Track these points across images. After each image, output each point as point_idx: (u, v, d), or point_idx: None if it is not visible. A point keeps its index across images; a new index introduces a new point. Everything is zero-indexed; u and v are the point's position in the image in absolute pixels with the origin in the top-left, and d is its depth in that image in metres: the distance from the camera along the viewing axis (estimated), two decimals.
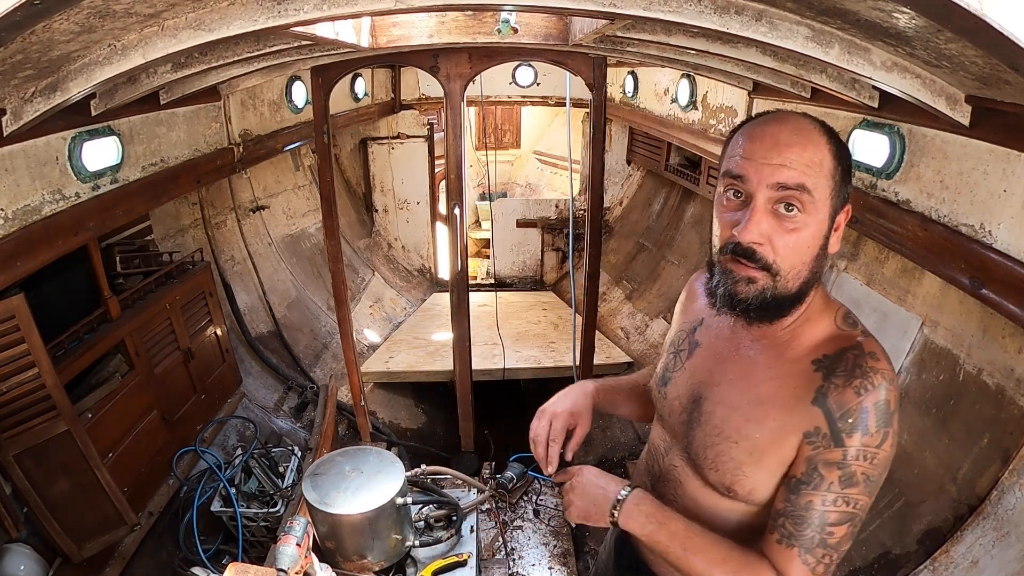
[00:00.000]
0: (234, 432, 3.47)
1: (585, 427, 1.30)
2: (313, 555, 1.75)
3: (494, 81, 5.52)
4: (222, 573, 1.51)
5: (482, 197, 8.74)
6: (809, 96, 2.52)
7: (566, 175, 7.70)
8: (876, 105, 2.07)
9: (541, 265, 6.40)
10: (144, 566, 2.58)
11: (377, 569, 2.06)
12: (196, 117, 3.14)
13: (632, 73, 4.91)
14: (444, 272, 6.39)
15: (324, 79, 3.11)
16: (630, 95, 5.00)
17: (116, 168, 2.52)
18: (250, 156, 3.66)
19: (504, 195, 8.84)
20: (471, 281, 5.43)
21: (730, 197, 0.97)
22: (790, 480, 0.96)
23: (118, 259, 2.94)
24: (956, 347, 2.07)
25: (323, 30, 2.18)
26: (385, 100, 5.68)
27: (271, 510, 2.76)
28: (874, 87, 1.99)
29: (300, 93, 4.18)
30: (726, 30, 1.56)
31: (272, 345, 4.28)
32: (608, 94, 4.39)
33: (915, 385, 2.19)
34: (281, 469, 2.99)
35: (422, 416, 4.87)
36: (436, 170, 6.12)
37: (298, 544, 1.64)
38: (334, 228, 3.41)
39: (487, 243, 7.35)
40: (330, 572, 1.81)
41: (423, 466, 2.49)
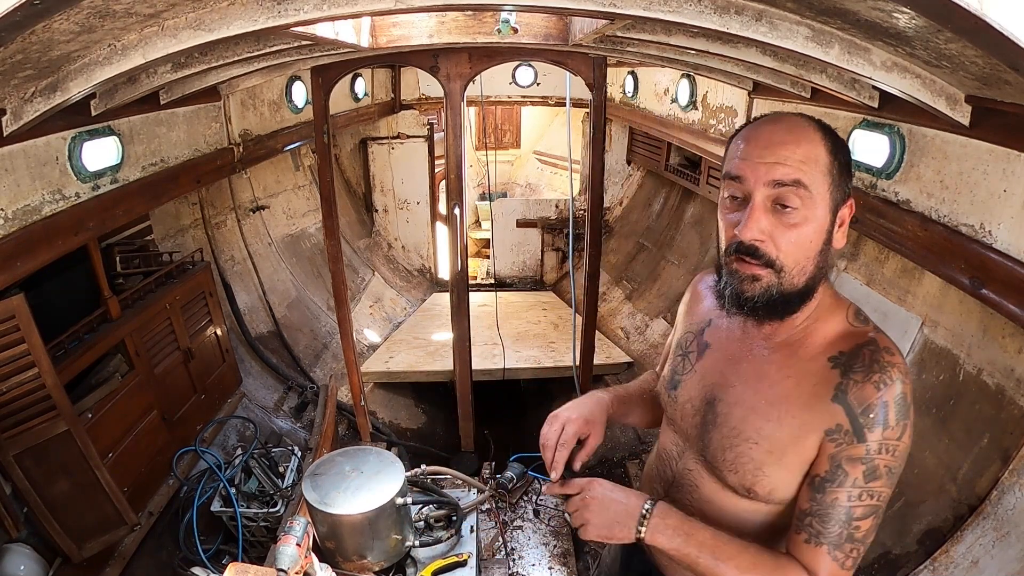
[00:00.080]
0: (234, 432, 3.47)
1: (598, 438, 1.25)
2: (313, 555, 1.75)
3: (494, 81, 5.52)
4: (222, 573, 1.51)
5: (482, 197, 8.74)
6: (809, 96, 2.52)
7: (566, 175, 7.70)
8: (876, 105, 2.07)
9: (541, 265, 6.40)
10: (144, 566, 2.58)
11: (377, 569, 2.06)
12: (196, 117, 3.14)
13: (632, 73, 4.91)
14: (444, 272, 6.39)
15: (324, 79, 3.11)
16: (630, 95, 5.00)
17: (116, 168, 2.52)
18: (250, 156, 3.66)
19: (504, 195, 8.84)
20: (471, 281, 5.43)
21: (731, 199, 0.99)
22: (814, 479, 0.96)
23: (118, 259, 2.94)
24: (956, 347, 2.07)
25: (323, 30, 2.18)
26: (385, 100, 5.68)
27: (271, 510, 2.76)
28: (874, 87, 1.99)
29: (300, 93, 4.18)
30: (726, 30, 1.56)
31: (272, 345, 4.28)
32: (608, 94, 4.39)
33: (915, 385, 2.17)
34: (281, 469, 2.99)
35: (422, 416, 4.87)
36: (436, 170, 6.12)
37: (298, 544, 1.64)
38: (334, 228, 3.41)
39: (487, 243, 7.35)
40: (330, 572, 1.81)
41: (423, 466, 2.49)
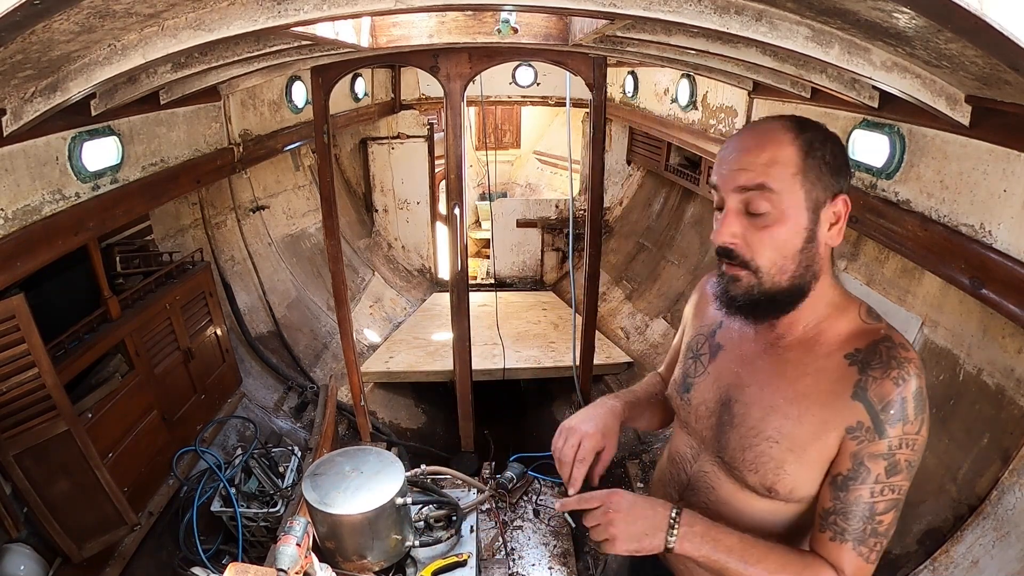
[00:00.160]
0: (234, 432, 3.47)
1: (612, 449, 1.24)
2: (313, 555, 1.75)
3: (494, 81, 5.52)
4: (222, 573, 1.51)
5: (482, 197, 8.74)
6: (809, 96, 2.52)
7: (566, 175, 7.70)
8: (876, 105, 2.07)
9: (541, 265, 6.40)
10: (144, 566, 2.58)
11: (377, 569, 2.06)
12: (196, 117, 3.14)
13: (632, 73, 4.91)
14: (444, 272, 6.39)
15: (324, 79, 3.11)
16: (630, 95, 5.00)
17: (116, 168, 2.52)
18: (250, 156, 3.66)
19: (504, 195, 8.84)
20: (471, 281, 5.43)
21: (716, 208, 1.04)
22: (836, 478, 0.97)
23: (118, 259, 2.94)
24: (956, 347, 2.07)
25: (323, 30, 2.18)
26: (385, 100, 5.68)
27: (271, 510, 2.76)
28: (874, 87, 1.99)
29: (300, 93, 4.18)
30: (726, 30, 1.56)
31: (272, 345, 4.28)
32: (608, 94, 4.39)
33: None
34: (281, 469, 2.99)
35: (422, 416, 4.87)
36: (436, 170, 6.12)
37: (298, 544, 1.65)
38: (334, 228, 3.41)
39: (487, 243, 7.35)
40: (330, 572, 1.81)
41: (423, 466, 2.49)
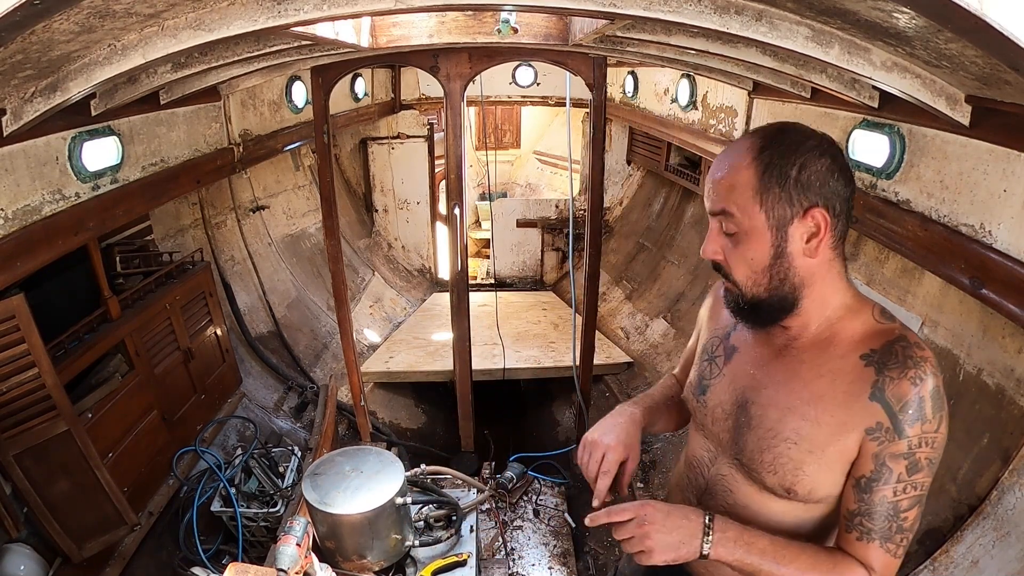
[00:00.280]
0: (234, 432, 3.47)
1: (636, 459, 1.25)
2: (313, 555, 1.75)
3: (494, 81, 5.52)
4: (222, 573, 1.51)
5: (482, 197, 8.74)
6: (809, 96, 2.52)
7: (566, 175, 7.70)
8: (876, 105, 2.07)
9: (541, 265, 6.40)
10: (144, 566, 2.58)
11: (377, 569, 2.07)
12: (196, 117, 3.14)
13: (632, 73, 4.91)
14: (444, 272, 6.39)
15: (324, 79, 3.11)
16: (630, 95, 5.00)
17: (116, 168, 2.52)
18: (250, 156, 3.66)
19: (504, 195, 8.84)
20: (471, 281, 5.43)
21: None
22: (860, 480, 0.98)
23: (118, 259, 2.94)
24: (956, 347, 2.07)
25: (323, 30, 2.18)
26: (385, 100, 5.68)
27: (271, 510, 2.76)
28: (874, 87, 1.99)
29: (300, 93, 4.18)
30: (726, 30, 1.56)
31: (272, 345, 4.28)
32: (608, 94, 4.39)
33: None
34: (281, 469, 2.99)
35: (422, 416, 4.87)
36: (436, 170, 6.12)
37: (298, 544, 1.65)
38: (334, 228, 3.41)
39: (487, 243, 7.35)
40: (330, 572, 1.82)
41: (423, 466, 2.49)
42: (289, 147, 4.23)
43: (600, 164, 3.36)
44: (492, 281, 6.43)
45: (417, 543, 2.16)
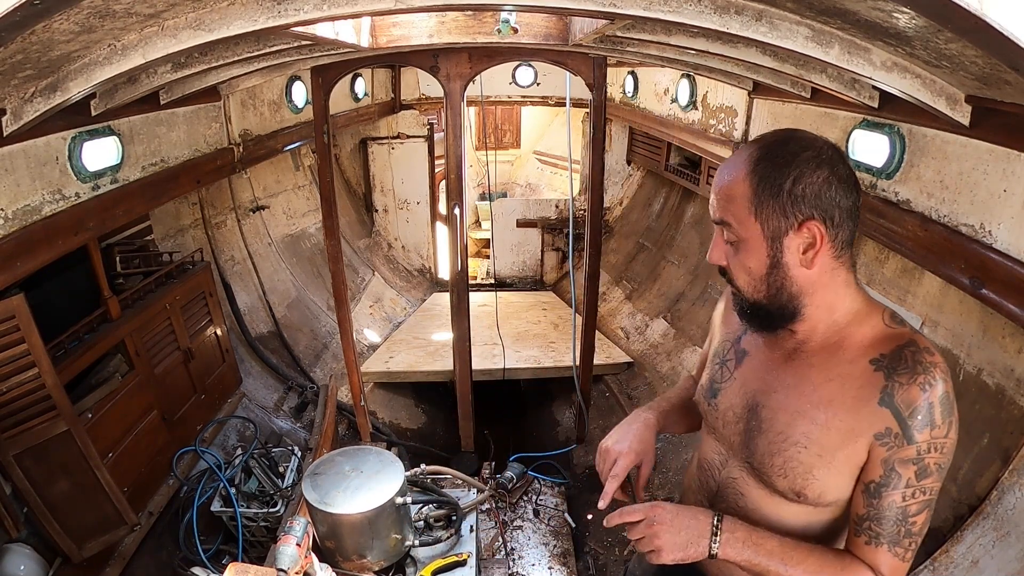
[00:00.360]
0: (234, 432, 3.47)
1: (650, 464, 1.29)
2: (313, 555, 1.75)
3: (494, 81, 5.51)
4: (222, 573, 1.51)
5: (482, 197, 8.74)
6: (809, 96, 2.52)
7: (566, 175, 7.70)
8: (876, 105, 2.07)
9: (541, 265, 6.40)
10: (144, 566, 2.58)
11: (377, 569, 2.07)
12: (196, 117, 3.14)
13: (632, 73, 4.91)
14: (444, 272, 6.39)
15: (324, 79, 3.11)
16: (630, 95, 5.00)
17: (116, 168, 2.52)
18: (250, 156, 3.66)
19: (504, 195, 8.84)
20: (471, 281, 5.43)
21: None
22: (869, 485, 0.99)
23: (118, 259, 2.94)
24: (956, 347, 2.07)
25: (323, 30, 2.18)
26: (385, 100, 5.68)
27: (271, 510, 2.76)
28: (874, 87, 1.99)
29: (300, 93, 4.18)
30: (726, 30, 1.56)
31: (272, 345, 4.28)
32: (608, 94, 4.39)
33: None
34: (281, 469, 2.99)
35: (422, 416, 4.87)
36: (436, 170, 6.12)
37: (298, 544, 1.65)
38: (334, 228, 3.41)
39: (487, 243, 7.35)
40: (330, 572, 1.82)
41: (423, 466, 2.49)
42: (289, 147, 4.23)
43: (600, 164, 3.36)
44: (492, 281, 6.43)
45: (417, 543, 2.16)
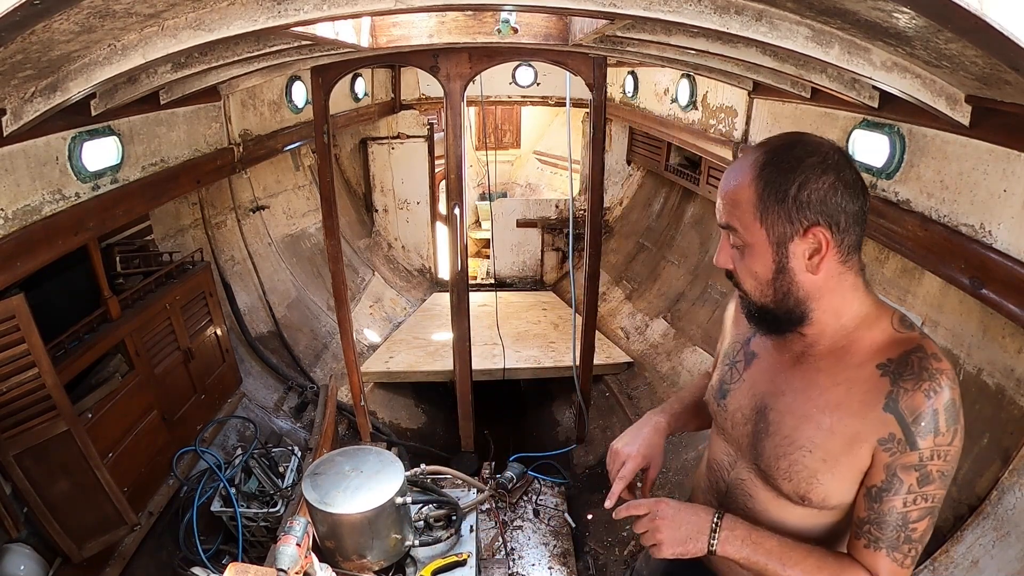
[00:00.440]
0: (234, 432, 3.47)
1: (657, 467, 1.34)
2: (313, 555, 1.75)
3: (494, 81, 5.52)
4: (222, 573, 1.51)
5: (482, 197, 8.74)
6: (809, 96, 2.52)
7: (566, 175, 7.70)
8: (876, 105, 2.07)
9: (541, 265, 6.40)
10: (144, 566, 2.58)
11: (377, 569, 2.07)
12: (196, 117, 3.14)
13: (632, 73, 4.91)
14: (444, 272, 6.39)
15: (324, 79, 3.11)
16: (630, 95, 5.00)
17: (116, 168, 2.52)
18: (250, 156, 3.66)
19: (504, 195, 8.84)
20: (471, 281, 5.43)
21: None
22: (871, 489, 0.99)
23: (118, 259, 2.94)
24: (956, 347, 2.07)
25: (323, 30, 2.18)
26: (385, 100, 5.68)
27: (271, 510, 2.76)
28: (874, 87, 1.99)
29: (300, 93, 4.18)
30: (726, 30, 1.56)
31: (272, 345, 4.28)
32: (608, 94, 4.39)
33: None
34: (281, 469, 2.99)
35: (422, 416, 4.87)
36: (436, 170, 6.12)
37: (298, 544, 1.65)
38: (334, 228, 3.41)
39: (487, 243, 7.35)
40: (330, 572, 1.82)
41: (423, 466, 2.49)
42: (289, 147, 4.23)
43: (600, 164, 3.36)
44: (492, 281, 6.43)
45: (417, 543, 2.16)
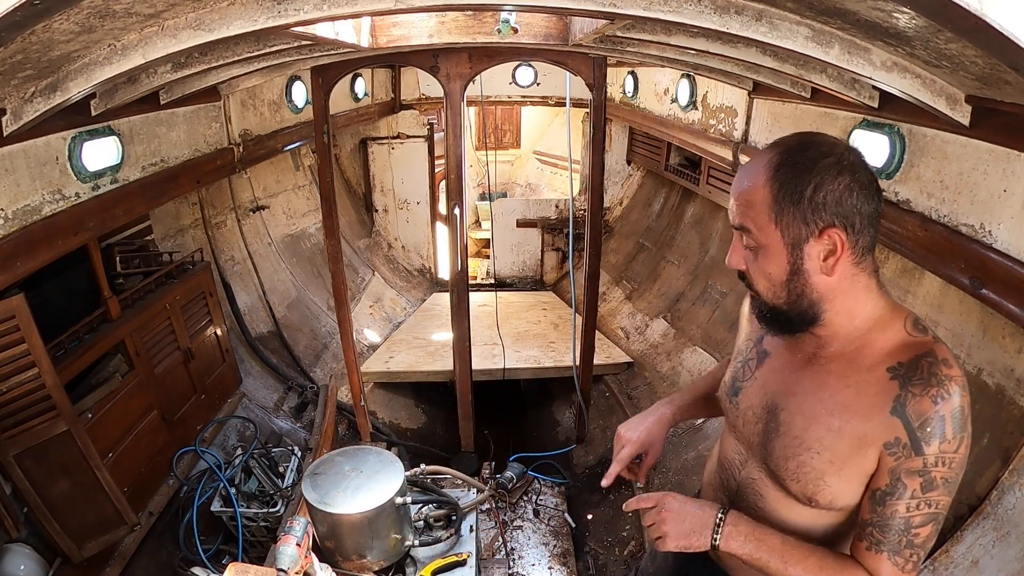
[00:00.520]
0: (234, 432, 3.47)
1: (655, 455, 1.42)
2: (313, 555, 1.75)
3: (494, 81, 5.51)
4: (222, 573, 1.51)
5: (482, 197, 8.74)
6: (809, 96, 2.52)
7: (566, 175, 7.70)
8: (876, 105, 2.07)
9: (541, 265, 6.40)
10: (144, 566, 2.58)
11: (377, 569, 2.07)
12: (196, 117, 3.14)
13: (632, 73, 4.91)
14: (444, 272, 6.39)
15: (324, 79, 3.11)
16: (630, 95, 5.00)
17: (116, 168, 2.52)
18: (250, 156, 3.66)
19: (504, 195, 8.84)
20: (471, 281, 5.43)
21: None
22: (875, 493, 0.99)
23: (118, 259, 2.94)
24: (956, 347, 2.07)
25: (323, 30, 2.18)
26: (385, 100, 5.68)
27: (271, 510, 2.76)
28: (874, 87, 1.99)
29: (300, 93, 4.18)
30: (726, 30, 1.56)
31: (272, 345, 4.28)
32: (608, 94, 4.39)
33: None
34: (281, 469, 2.99)
35: (422, 416, 4.87)
36: (436, 170, 6.12)
37: (298, 544, 1.65)
38: (334, 228, 3.41)
39: (487, 243, 7.35)
40: (330, 572, 1.82)
41: (423, 466, 2.49)
42: (289, 147, 4.23)
43: (600, 164, 3.36)
44: (492, 281, 6.43)
45: (417, 543, 2.16)
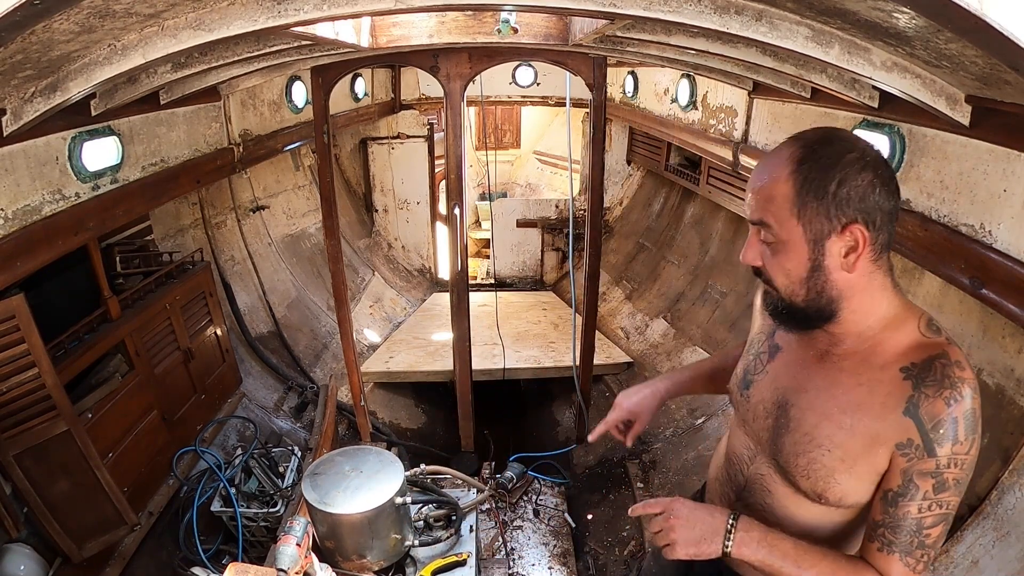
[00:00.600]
0: (234, 432, 3.47)
1: (643, 423, 1.49)
2: (313, 555, 1.75)
3: (494, 81, 5.51)
4: (222, 573, 1.51)
5: (482, 197, 8.74)
6: (809, 96, 2.52)
7: (566, 175, 7.70)
8: (876, 105, 2.07)
9: (541, 265, 6.40)
10: (144, 566, 2.58)
11: (376, 569, 2.07)
12: (196, 117, 3.14)
13: (632, 73, 4.91)
14: (444, 272, 6.39)
15: (324, 79, 3.11)
16: (630, 95, 5.00)
17: (116, 168, 2.52)
18: (250, 156, 3.66)
19: (504, 195, 8.84)
20: (471, 281, 5.43)
21: None
22: (887, 493, 0.99)
23: (118, 259, 2.94)
24: None
25: (323, 30, 2.18)
26: (385, 100, 5.68)
27: (271, 510, 2.76)
28: (874, 87, 1.99)
29: (300, 93, 4.18)
30: (726, 30, 1.56)
31: (272, 345, 4.29)
32: (608, 94, 4.39)
33: None
34: (281, 469, 2.99)
35: (422, 416, 4.87)
36: (436, 170, 6.12)
37: (298, 544, 1.65)
38: (334, 228, 3.41)
39: (487, 243, 7.35)
40: (330, 572, 1.82)
41: (423, 466, 2.49)
42: (289, 147, 4.23)
43: (600, 164, 3.36)
44: (492, 281, 6.43)
45: (417, 543, 2.16)
